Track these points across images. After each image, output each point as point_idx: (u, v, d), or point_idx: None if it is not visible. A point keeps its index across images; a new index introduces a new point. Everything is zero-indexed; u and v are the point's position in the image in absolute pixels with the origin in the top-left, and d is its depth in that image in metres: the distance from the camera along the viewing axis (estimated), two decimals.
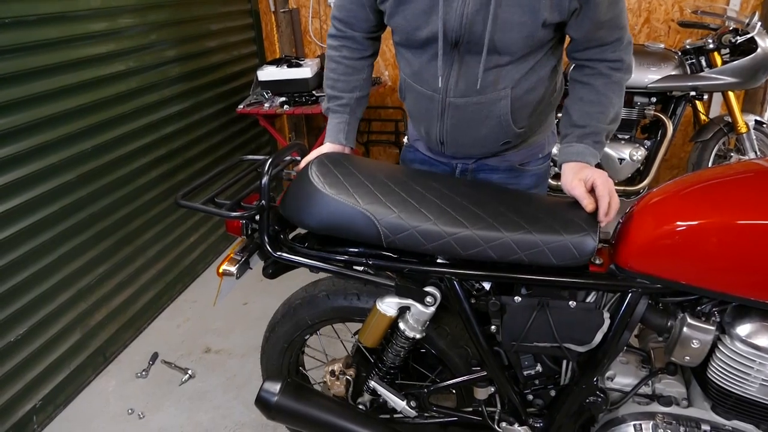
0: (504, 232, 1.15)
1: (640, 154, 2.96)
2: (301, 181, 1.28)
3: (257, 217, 1.29)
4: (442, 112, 1.40)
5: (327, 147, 1.50)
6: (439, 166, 1.56)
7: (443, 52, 1.29)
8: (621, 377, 1.30)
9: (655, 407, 1.26)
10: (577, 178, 1.25)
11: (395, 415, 1.49)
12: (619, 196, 2.98)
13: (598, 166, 1.33)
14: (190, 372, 2.29)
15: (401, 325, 1.32)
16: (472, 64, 1.30)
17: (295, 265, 1.33)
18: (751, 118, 3.00)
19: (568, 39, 1.36)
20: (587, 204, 1.20)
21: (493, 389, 1.38)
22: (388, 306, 1.29)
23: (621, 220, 1.23)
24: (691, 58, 2.91)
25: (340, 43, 1.50)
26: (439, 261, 1.28)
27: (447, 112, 1.39)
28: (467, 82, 1.32)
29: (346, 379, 1.49)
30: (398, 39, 1.40)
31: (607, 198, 1.19)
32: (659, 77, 2.84)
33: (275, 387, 1.36)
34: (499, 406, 1.41)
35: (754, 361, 1.08)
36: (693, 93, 2.89)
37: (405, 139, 1.68)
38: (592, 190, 1.23)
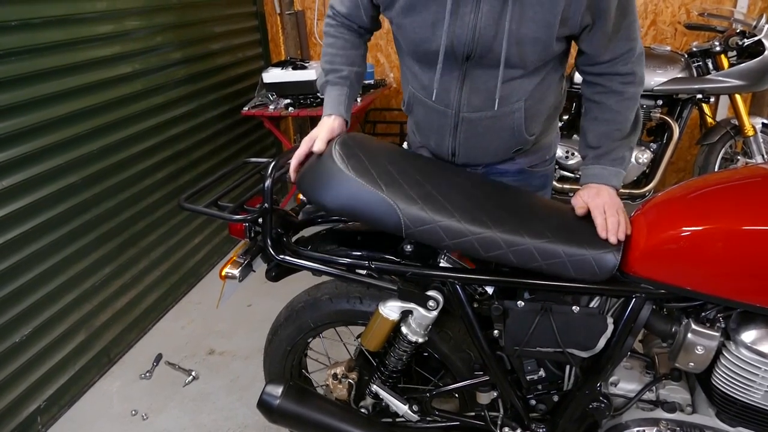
0: (527, 238, 1.14)
1: (646, 157, 2.94)
2: (324, 159, 1.24)
3: (260, 220, 1.29)
4: (455, 127, 1.39)
5: (328, 120, 1.38)
6: None
7: (454, 66, 1.29)
8: (625, 383, 1.29)
9: (659, 413, 1.25)
10: (593, 204, 1.23)
11: (397, 419, 1.48)
12: (625, 199, 3.02)
13: None
14: (193, 373, 2.29)
15: (404, 329, 1.31)
16: (484, 78, 1.29)
17: (298, 268, 1.33)
18: (758, 121, 2.98)
19: (575, 51, 1.35)
20: (600, 229, 1.19)
21: (495, 394, 1.37)
22: (391, 310, 1.28)
23: None
24: (698, 61, 2.89)
25: (337, 22, 1.47)
26: (441, 265, 1.27)
27: (460, 126, 1.38)
28: (481, 96, 1.32)
29: (349, 382, 1.48)
30: (406, 51, 1.37)
31: (601, 216, 1.19)
32: (665, 80, 2.83)
33: (277, 390, 1.36)
34: (501, 410, 1.40)
35: (759, 368, 1.07)
36: (699, 96, 2.87)
37: (405, 145, 1.66)
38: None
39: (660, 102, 2.92)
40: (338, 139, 1.29)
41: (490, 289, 1.27)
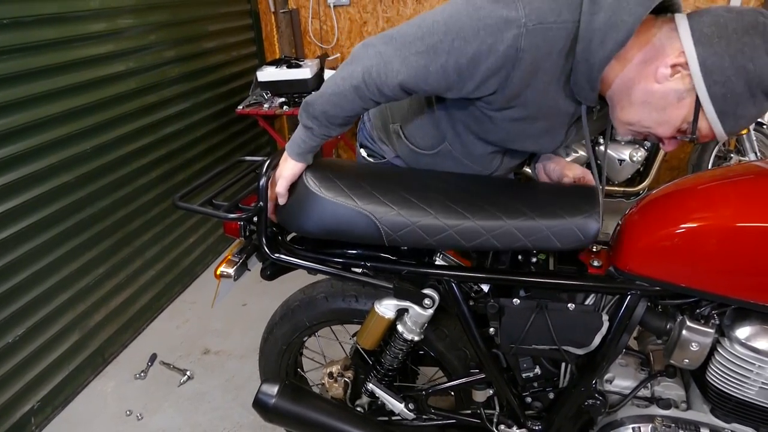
0: (506, 219, 1.14)
1: (640, 155, 2.95)
2: (296, 187, 1.26)
3: (255, 219, 1.29)
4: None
5: (292, 165, 1.24)
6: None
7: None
8: (620, 380, 1.30)
9: (654, 410, 1.26)
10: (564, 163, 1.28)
11: (393, 418, 1.48)
12: (619, 197, 3.02)
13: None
14: (188, 373, 2.28)
15: (399, 328, 1.31)
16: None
17: (293, 267, 1.33)
18: None
19: None
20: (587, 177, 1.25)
21: (491, 392, 1.37)
22: (387, 308, 1.28)
23: (620, 222, 1.23)
24: None
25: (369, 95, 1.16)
26: (437, 263, 1.27)
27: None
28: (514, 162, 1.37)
29: (344, 381, 1.48)
30: (491, 139, 1.23)
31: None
32: None
33: (273, 389, 1.36)
34: (497, 408, 1.40)
35: (754, 364, 1.07)
36: None
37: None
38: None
39: None
40: (308, 167, 1.28)
41: (485, 287, 1.27)
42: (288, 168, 1.24)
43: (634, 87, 1.03)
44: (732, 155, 3.06)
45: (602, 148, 2.99)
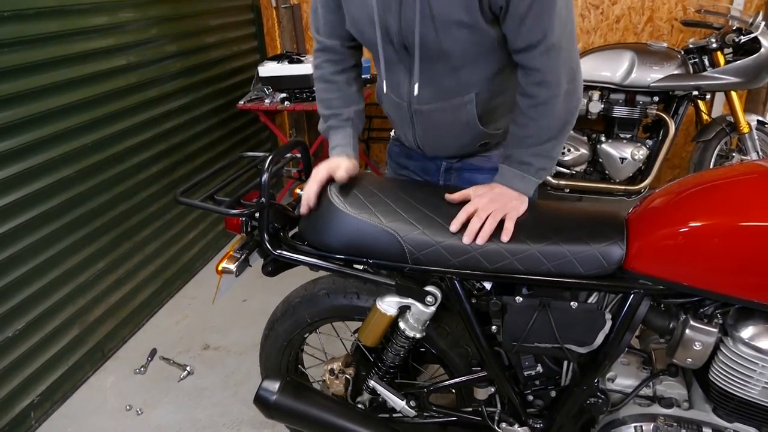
0: (530, 243, 1.15)
1: (641, 153, 2.95)
2: (321, 202, 1.28)
3: (257, 215, 1.28)
4: (411, 119, 1.40)
5: (335, 160, 1.35)
6: (425, 162, 1.54)
7: (401, 57, 1.29)
8: (622, 378, 1.29)
9: (656, 409, 1.26)
10: (472, 199, 1.23)
11: (394, 415, 1.48)
12: (620, 195, 3.02)
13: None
14: (188, 368, 2.28)
15: (401, 325, 1.31)
16: (430, 70, 1.28)
17: (294, 263, 1.32)
18: (754, 118, 2.99)
19: None
20: (452, 225, 1.18)
21: (493, 389, 1.37)
22: (388, 305, 1.28)
23: (623, 221, 1.22)
24: (694, 58, 2.89)
25: (321, 59, 1.46)
26: None
27: (415, 118, 1.39)
28: (428, 88, 1.31)
29: (346, 378, 1.48)
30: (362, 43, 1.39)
31: (477, 222, 1.16)
32: (662, 76, 2.83)
33: (274, 386, 1.36)
34: (499, 406, 1.40)
35: (757, 363, 1.07)
36: (695, 92, 2.88)
37: (392, 133, 1.66)
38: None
39: (656, 98, 2.92)
40: (332, 182, 1.32)
41: (488, 285, 1.26)
42: (331, 161, 1.35)
43: None
44: (734, 154, 3.05)
45: (604, 146, 2.99)
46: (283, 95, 3.11)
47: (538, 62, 1.18)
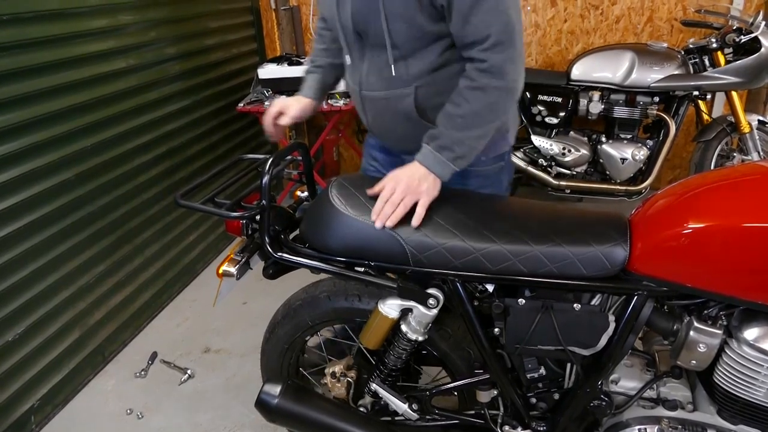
0: (533, 245, 1.14)
1: (642, 153, 2.94)
2: (322, 204, 1.27)
3: (258, 217, 1.28)
4: (363, 105, 1.45)
5: (295, 98, 1.59)
6: (392, 157, 1.57)
7: (357, 44, 1.36)
8: (625, 381, 1.29)
9: (660, 411, 1.25)
10: (386, 179, 1.24)
11: (396, 418, 1.47)
12: (621, 196, 3.01)
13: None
14: (189, 372, 2.27)
15: (403, 327, 1.30)
16: (378, 58, 1.34)
17: (295, 266, 1.32)
18: (755, 118, 2.98)
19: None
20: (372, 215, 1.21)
21: (495, 392, 1.36)
22: (390, 308, 1.27)
23: (626, 222, 1.22)
24: (694, 58, 2.89)
25: (319, 22, 1.60)
26: None
27: (365, 104, 1.44)
28: (374, 76, 1.37)
29: (347, 381, 1.47)
30: None
31: (381, 201, 1.19)
32: (662, 77, 2.83)
33: (275, 389, 1.35)
34: (501, 409, 1.39)
35: (762, 365, 1.06)
36: (696, 93, 2.87)
37: None
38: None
39: (656, 99, 2.91)
40: (333, 183, 1.32)
41: (490, 287, 1.26)
42: (291, 99, 1.60)
43: None
44: (735, 154, 3.05)
45: (605, 146, 2.98)
46: (283, 97, 3.10)
47: (483, 56, 1.22)
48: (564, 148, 3.03)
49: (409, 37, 1.27)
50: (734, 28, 2.80)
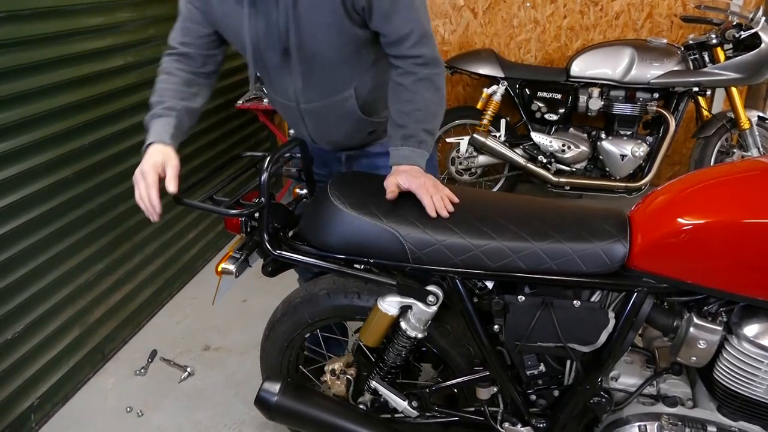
0: (532, 241, 1.14)
1: (642, 150, 2.94)
2: (321, 201, 1.27)
3: (257, 215, 1.27)
4: (302, 118, 1.45)
5: (158, 152, 1.35)
6: (325, 154, 1.58)
7: (281, 61, 1.34)
8: (625, 377, 1.29)
9: (660, 408, 1.25)
10: (415, 185, 1.25)
11: (396, 415, 1.47)
12: (621, 192, 3.01)
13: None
14: (189, 369, 2.27)
15: (403, 325, 1.30)
16: (310, 71, 1.34)
17: (295, 263, 1.32)
18: (754, 114, 2.98)
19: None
20: (429, 209, 1.22)
21: (495, 389, 1.36)
22: (390, 305, 1.27)
23: (625, 219, 1.22)
24: (694, 54, 2.89)
25: (172, 59, 1.51)
26: None
27: (305, 117, 1.44)
28: (311, 89, 1.37)
29: (347, 378, 1.47)
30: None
31: (427, 197, 1.22)
32: (661, 73, 2.82)
33: (275, 387, 1.35)
34: (501, 406, 1.39)
35: (762, 361, 1.07)
36: (696, 89, 2.87)
37: (291, 131, 1.70)
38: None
39: (656, 95, 2.91)
40: (331, 180, 1.33)
41: (490, 284, 1.25)
42: (149, 152, 1.40)
43: None
44: (735, 150, 3.04)
45: (604, 143, 2.98)
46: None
47: (417, 52, 1.29)
48: (564, 145, 3.03)
49: (341, 44, 1.30)
50: (734, 23, 2.80)
